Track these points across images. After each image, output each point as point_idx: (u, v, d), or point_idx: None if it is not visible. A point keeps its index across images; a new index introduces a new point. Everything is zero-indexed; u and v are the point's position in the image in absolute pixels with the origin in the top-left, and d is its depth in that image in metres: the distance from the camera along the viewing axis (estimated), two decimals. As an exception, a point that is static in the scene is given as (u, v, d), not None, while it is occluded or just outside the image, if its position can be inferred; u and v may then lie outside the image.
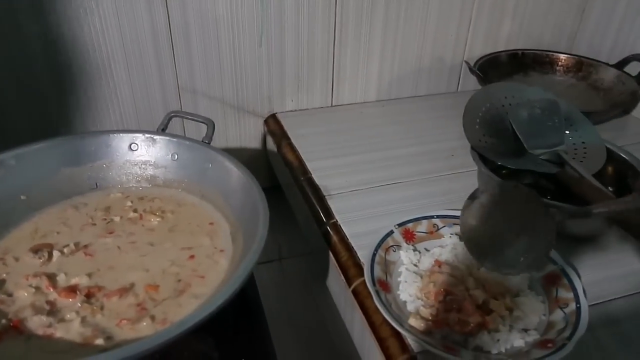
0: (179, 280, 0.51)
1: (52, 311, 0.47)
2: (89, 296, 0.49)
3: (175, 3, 0.74)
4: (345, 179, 0.71)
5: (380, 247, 0.56)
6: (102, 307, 0.48)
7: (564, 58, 0.96)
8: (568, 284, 0.51)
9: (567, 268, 0.53)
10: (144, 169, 0.63)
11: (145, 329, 0.46)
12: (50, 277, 0.51)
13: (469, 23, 0.92)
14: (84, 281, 0.51)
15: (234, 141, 0.88)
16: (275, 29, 0.81)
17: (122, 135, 0.63)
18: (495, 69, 0.92)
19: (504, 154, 0.67)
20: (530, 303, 0.49)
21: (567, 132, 0.69)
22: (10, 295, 0.49)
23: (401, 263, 0.56)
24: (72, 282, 0.51)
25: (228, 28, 0.78)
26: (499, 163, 0.64)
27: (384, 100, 0.93)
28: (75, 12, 0.69)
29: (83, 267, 0.53)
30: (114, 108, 0.79)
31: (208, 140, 0.62)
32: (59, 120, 0.76)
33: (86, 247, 0.55)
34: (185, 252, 0.54)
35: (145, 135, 0.63)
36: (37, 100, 0.74)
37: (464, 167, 0.73)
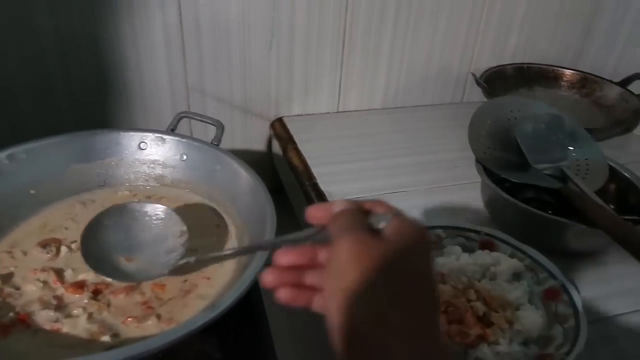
0: (185, 280, 0.52)
1: (60, 306, 0.48)
2: (96, 293, 0.50)
3: (188, 2, 0.74)
4: (350, 186, 0.72)
5: (384, 256, 0.57)
6: (109, 304, 0.49)
7: (569, 74, 0.97)
8: (568, 299, 0.52)
9: (567, 284, 0.53)
10: (152, 168, 0.64)
11: (151, 327, 0.46)
12: (58, 272, 0.51)
13: (477, 35, 0.93)
14: (91, 277, 0.51)
15: (240, 143, 0.89)
16: (285, 33, 0.81)
17: (132, 133, 0.63)
18: (500, 81, 0.93)
19: (508, 167, 0.68)
20: (530, 317, 0.50)
21: (571, 148, 0.70)
22: (17, 288, 0.49)
23: (404, 272, 0.56)
24: (80, 278, 0.51)
25: (239, 30, 0.79)
26: (502, 176, 0.65)
27: (389, 108, 0.94)
28: (90, 8, 0.70)
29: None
30: (123, 106, 0.79)
31: (217, 142, 0.63)
32: (68, 116, 0.77)
33: (94, 244, 0.56)
34: (192, 253, 0.54)
35: (155, 135, 0.63)
36: (48, 96, 0.74)
37: (466, 179, 0.74)
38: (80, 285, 0.50)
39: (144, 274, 0.50)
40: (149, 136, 0.64)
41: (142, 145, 0.63)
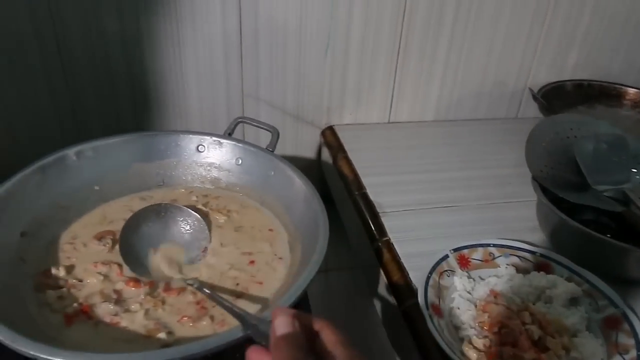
0: (237, 284, 0.53)
1: (119, 300, 0.50)
2: (152, 287, 0.51)
3: (248, 10, 0.76)
4: (400, 197, 0.71)
5: (435, 271, 0.56)
6: (164, 302, 0.50)
7: (633, 92, 0.93)
8: (629, 329, 0.49)
9: (629, 312, 0.51)
10: (208, 170, 0.66)
11: (205, 328, 0.47)
12: (120, 266, 0.53)
13: (535, 49, 0.90)
14: (148, 271, 0.53)
15: (290, 149, 0.90)
16: (340, 41, 0.82)
17: (191, 136, 0.65)
18: (559, 98, 0.90)
19: (566, 187, 0.66)
20: (589, 345, 0.48)
21: (634, 170, 0.67)
22: (80, 280, 0.52)
23: (455, 289, 0.55)
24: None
25: (296, 38, 0.80)
26: (560, 196, 0.63)
27: (442, 121, 0.93)
28: (154, 14, 0.73)
29: (146, 257, 0.55)
30: (180, 109, 0.81)
31: (272, 148, 0.64)
32: (129, 118, 0.80)
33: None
34: (246, 257, 0.56)
35: (213, 138, 0.65)
36: (112, 98, 0.78)
37: (519, 197, 0.72)
38: (137, 280, 0.52)
39: (160, 275, 0.53)
40: (207, 139, 0.65)
41: (200, 148, 0.65)
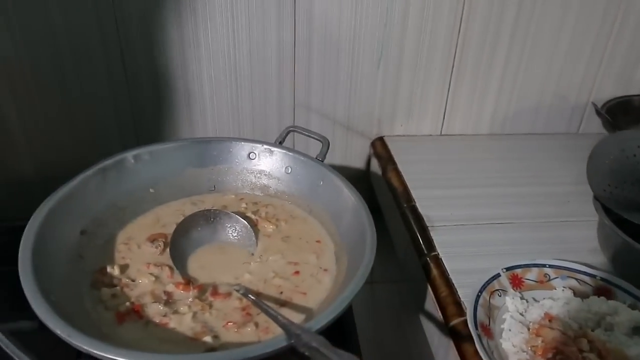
0: (281, 292, 0.53)
1: (168, 302, 0.51)
2: (200, 291, 0.52)
3: (302, 20, 0.77)
4: (451, 212, 0.69)
5: (485, 290, 0.54)
6: (211, 306, 0.51)
7: None
8: (701, 365, 0.46)
9: (701, 347, 0.47)
10: (258, 177, 0.67)
11: (249, 334, 0.47)
12: (171, 268, 0.55)
13: (600, 62, 0.86)
14: (196, 275, 0.54)
15: (339, 159, 0.90)
16: (394, 52, 0.81)
17: (243, 143, 0.66)
18: (625, 113, 0.85)
19: (631, 208, 0.62)
20: (655, 380, 0.44)
21: None
22: (133, 280, 0.54)
23: (506, 310, 0.53)
24: (186, 275, 0.54)
25: (349, 48, 0.80)
26: (624, 217, 0.60)
27: (497, 134, 0.90)
28: (211, 21, 0.75)
29: (195, 261, 0.57)
30: (233, 116, 0.83)
31: (322, 158, 0.64)
32: (185, 124, 0.82)
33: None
34: (291, 267, 0.56)
35: (264, 146, 0.66)
36: (169, 103, 0.80)
37: (579, 216, 0.69)
38: (187, 283, 0.53)
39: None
40: (258, 147, 0.66)
41: (252, 155, 0.66)
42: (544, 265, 0.58)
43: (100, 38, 0.73)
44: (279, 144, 0.67)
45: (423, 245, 0.64)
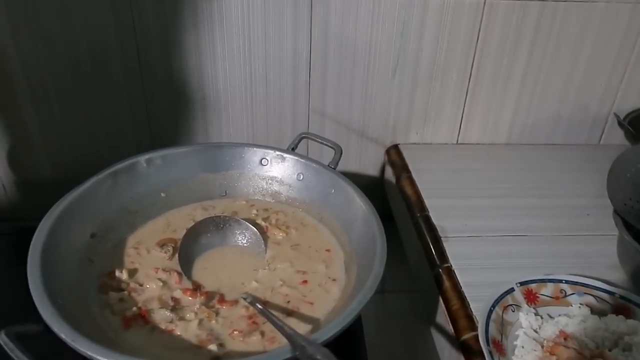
0: (288, 301, 0.52)
1: (175, 308, 0.51)
2: (207, 298, 0.52)
3: (319, 27, 0.77)
4: (465, 223, 0.68)
5: (499, 304, 0.53)
6: (217, 313, 0.50)
7: None
8: None
9: None
10: (270, 184, 0.66)
11: (255, 343, 0.47)
12: (179, 274, 0.54)
13: (624, 72, 0.84)
14: (203, 282, 0.54)
15: (353, 166, 0.89)
16: (410, 61, 0.80)
17: (256, 149, 0.66)
18: (649, 125, 0.83)
19: (653, 223, 0.60)
20: (675, 405, 0.42)
21: None
22: (141, 284, 0.53)
23: (519, 326, 0.52)
24: (194, 282, 0.54)
25: (365, 55, 0.79)
26: (646, 233, 0.58)
27: (515, 144, 0.88)
28: (227, 27, 0.75)
29: (203, 268, 0.56)
30: (247, 122, 0.83)
31: (334, 166, 0.63)
32: (200, 129, 0.83)
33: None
34: (299, 276, 0.55)
35: (276, 153, 0.66)
36: (184, 109, 0.81)
37: (599, 230, 0.67)
38: (195, 289, 0.53)
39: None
40: (270, 153, 0.66)
41: (264, 161, 0.66)
42: (560, 281, 0.56)
43: (119, 45, 0.74)
44: (292, 150, 0.66)
45: (435, 256, 0.63)
